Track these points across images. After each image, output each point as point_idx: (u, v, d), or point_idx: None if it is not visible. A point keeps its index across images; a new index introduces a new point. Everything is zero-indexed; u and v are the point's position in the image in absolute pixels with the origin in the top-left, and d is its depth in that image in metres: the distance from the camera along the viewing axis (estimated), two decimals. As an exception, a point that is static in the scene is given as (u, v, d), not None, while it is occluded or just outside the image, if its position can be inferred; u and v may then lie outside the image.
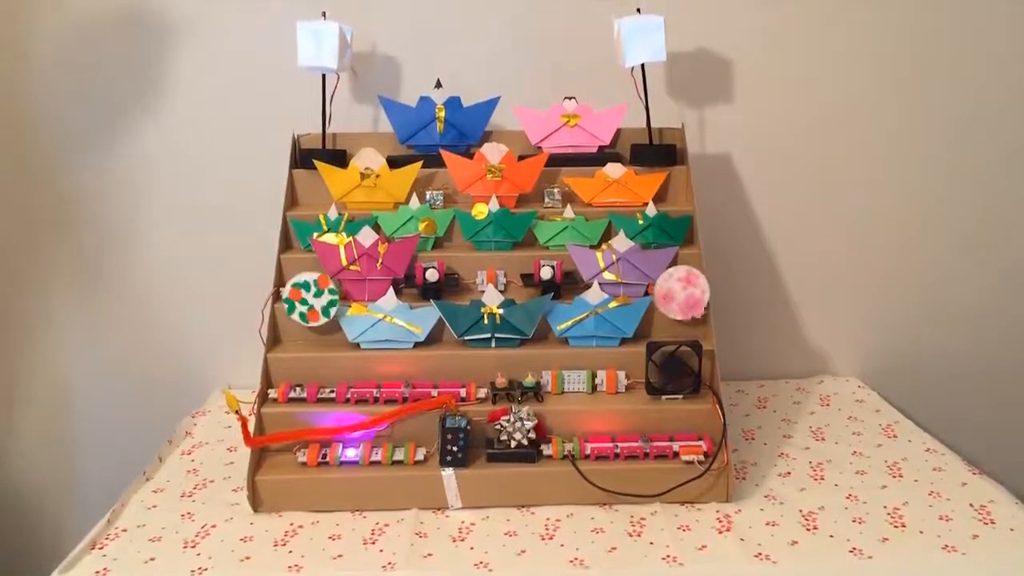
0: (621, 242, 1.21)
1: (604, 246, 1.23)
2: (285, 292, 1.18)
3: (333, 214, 1.26)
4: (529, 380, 1.15)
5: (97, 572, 0.98)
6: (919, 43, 1.47)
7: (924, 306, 1.58)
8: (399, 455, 1.10)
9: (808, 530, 1.05)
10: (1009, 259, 1.57)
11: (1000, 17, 1.46)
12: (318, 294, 1.17)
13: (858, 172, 1.52)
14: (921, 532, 1.04)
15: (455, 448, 1.09)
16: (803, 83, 1.48)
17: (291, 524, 1.07)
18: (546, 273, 1.21)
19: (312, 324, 1.18)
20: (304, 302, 1.17)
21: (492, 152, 1.30)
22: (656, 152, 1.35)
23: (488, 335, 1.17)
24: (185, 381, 1.54)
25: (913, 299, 1.58)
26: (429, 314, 1.18)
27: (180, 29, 1.42)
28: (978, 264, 1.57)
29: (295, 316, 1.17)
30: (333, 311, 1.17)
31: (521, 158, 1.31)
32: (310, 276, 1.18)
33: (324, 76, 1.33)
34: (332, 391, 1.16)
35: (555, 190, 1.32)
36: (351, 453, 1.11)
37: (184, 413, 1.43)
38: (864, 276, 1.56)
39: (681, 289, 1.18)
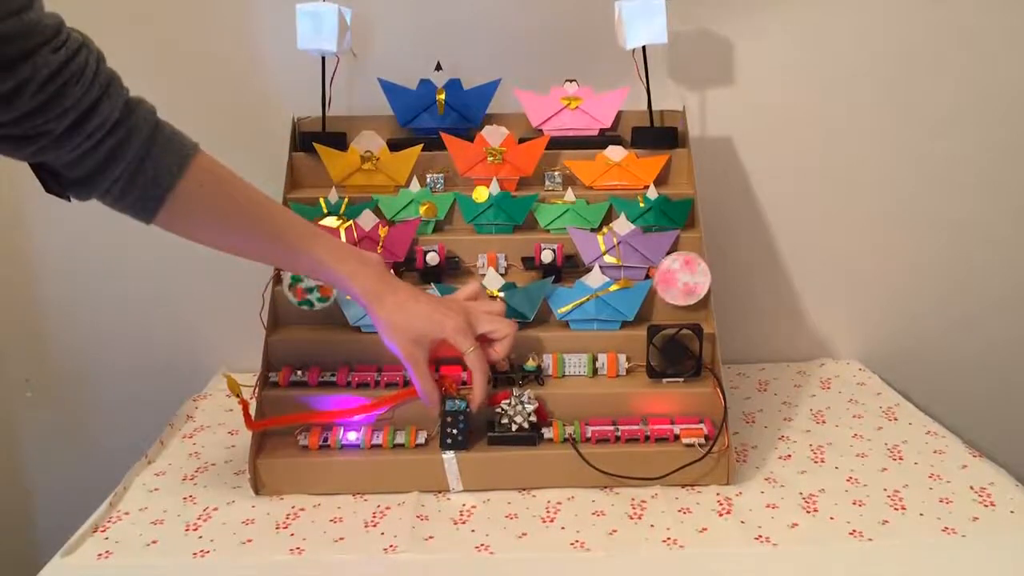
0: (622, 225, 1.21)
1: (605, 229, 1.23)
2: (292, 297, 1.18)
3: (333, 197, 1.26)
4: (530, 363, 1.15)
5: (99, 555, 0.98)
6: (927, 23, 1.45)
7: (925, 289, 1.58)
8: (400, 438, 1.10)
9: (808, 513, 1.05)
10: (1012, 242, 1.56)
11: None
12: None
13: (860, 155, 1.50)
14: (921, 514, 1.04)
15: (456, 431, 1.09)
16: (805, 65, 1.46)
17: (293, 507, 1.07)
18: (547, 256, 1.21)
19: (328, 301, 1.17)
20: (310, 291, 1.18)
21: (493, 135, 1.29)
22: (657, 135, 1.34)
23: (489, 318, 1.17)
24: (186, 365, 1.54)
25: (914, 282, 1.57)
26: (430, 298, 1.18)
27: (179, 11, 1.41)
28: (980, 247, 1.56)
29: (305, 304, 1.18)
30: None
31: (522, 141, 1.30)
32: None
33: (323, 59, 1.32)
34: (333, 375, 1.16)
35: (556, 173, 1.31)
36: (352, 436, 1.11)
37: (185, 397, 1.43)
38: (865, 259, 1.56)
39: (683, 273, 1.18)
